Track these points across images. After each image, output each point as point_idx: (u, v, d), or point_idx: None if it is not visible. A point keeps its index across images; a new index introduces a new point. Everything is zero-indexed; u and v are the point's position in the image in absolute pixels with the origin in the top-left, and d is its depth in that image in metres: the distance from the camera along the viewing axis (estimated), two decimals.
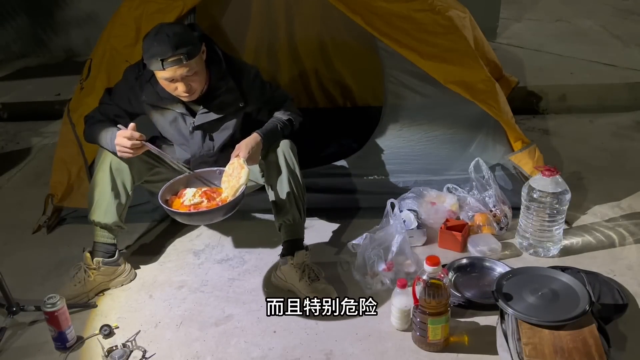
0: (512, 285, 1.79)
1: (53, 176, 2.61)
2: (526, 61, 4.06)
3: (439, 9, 2.37)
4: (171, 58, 1.87)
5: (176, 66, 1.89)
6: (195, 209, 1.94)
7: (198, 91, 2.02)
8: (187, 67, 1.91)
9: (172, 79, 1.94)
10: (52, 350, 1.93)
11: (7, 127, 3.96)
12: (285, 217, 2.12)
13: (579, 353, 1.57)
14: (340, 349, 1.86)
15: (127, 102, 2.13)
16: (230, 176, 1.97)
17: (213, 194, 2.00)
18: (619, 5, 5.49)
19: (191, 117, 2.13)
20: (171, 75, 1.92)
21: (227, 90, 2.09)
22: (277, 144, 2.11)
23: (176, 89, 1.97)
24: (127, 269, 2.25)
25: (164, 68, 1.89)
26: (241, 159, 1.97)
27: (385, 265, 2.13)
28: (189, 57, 1.90)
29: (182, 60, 1.88)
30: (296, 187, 2.10)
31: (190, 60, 1.90)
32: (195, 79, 1.97)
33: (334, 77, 3.43)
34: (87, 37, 4.70)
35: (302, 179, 2.13)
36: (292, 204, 2.10)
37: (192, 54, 1.91)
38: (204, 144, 2.17)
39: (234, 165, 1.97)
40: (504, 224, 2.38)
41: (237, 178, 1.94)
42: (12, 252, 2.49)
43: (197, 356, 1.88)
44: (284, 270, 2.13)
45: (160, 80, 1.97)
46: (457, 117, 2.43)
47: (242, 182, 1.92)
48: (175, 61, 1.88)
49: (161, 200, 1.95)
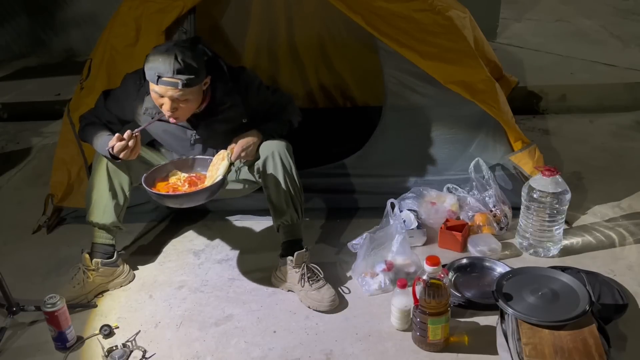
0: (512, 285, 1.79)
1: (53, 176, 2.61)
2: (526, 61, 4.06)
3: (439, 9, 2.37)
4: (168, 79, 1.87)
5: (170, 87, 1.88)
6: (174, 191, 1.99)
7: (182, 118, 2.01)
8: (180, 92, 1.90)
9: (161, 95, 1.93)
10: (52, 350, 1.93)
11: (7, 127, 3.96)
12: (283, 218, 2.12)
13: (579, 353, 1.57)
14: (340, 349, 1.86)
15: (122, 111, 2.13)
16: (214, 166, 2.02)
17: (198, 180, 2.04)
18: (619, 5, 5.49)
19: (192, 130, 2.13)
20: (161, 93, 1.91)
21: (231, 106, 2.09)
22: (273, 144, 2.11)
23: (162, 105, 1.96)
24: (125, 270, 2.24)
25: (157, 83, 1.89)
26: (227, 151, 2.02)
27: (385, 265, 2.13)
28: (187, 86, 1.89)
29: (177, 85, 1.87)
30: (293, 187, 2.10)
31: (186, 89, 1.90)
32: (184, 106, 1.95)
33: (334, 77, 3.43)
34: (87, 37, 4.69)
35: (298, 179, 2.13)
36: (290, 205, 2.10)
37: (191, 84, 1.90)
38: (206, 153, 2.18)
39: (219, 157, 2.03)
40: (504, 224, 2.38)
41: (217, 169, 1.99)
42: (12, 252, 2.50)
43: (197, 356, 1.88)
44: (284, 271, 2.13)
45: (150, 89, 1.96)
46: (457, 117, 2.43)
47: (219, 173, 1.96)
48: (171, 83, 1.87)
49: (147, 180, 1.99)
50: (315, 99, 3.50)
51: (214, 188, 1.95)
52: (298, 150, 2.18)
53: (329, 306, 2.01)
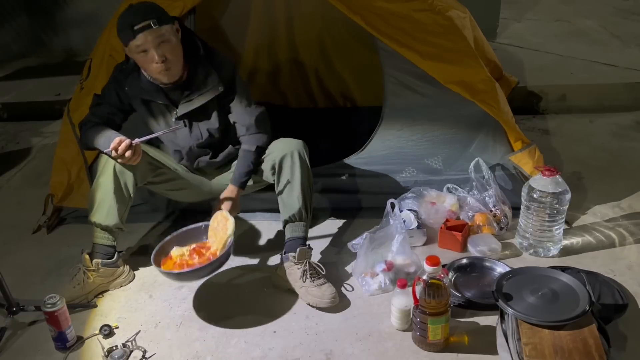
0: (512, 285, 1.79)
1: (53, 176, 2.61)
2: (526, 61, 4.06)
3: (439, 9, 2.37)
4: (141, 24, 1.91)
5: (146, 31, 1.92)
6: (188, 266, 1.96)
7: (175, 68, 2.03)
8: (157, 32, 1.94)
9: (145, 49, 1.95)
10: (52, 350, 1.93)
11: (7, 127, 3.97)
12: (292, 213, 2.12)
13: (579, 353, 1.57)
14: (340, 349, 1.86)
15: (117, 99, 2.16)
16: (216, 229, 2.03)
17: (202, 249, 2.04)
18: (619, 5, 5.49)
19: (174, 108, 2.15)
20: (142, 42, 1.94)
21: (206, 75, 2.11)
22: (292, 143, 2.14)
23: (152, 62, 1.98)
24: (126, 271, 2.24)
25: (134, 36, 1.92)
26: (224, 211, 2.05)
27: (385, 265, 2.13)
28: (159, 22, 1.94)
29: (151, 25, 1.92)
30: (307, 186, 2.13)
31: (160, 26, 1.94)
32: (169, 48, 1.98)
33: (334, 77, 3.43)
34: (87, 37, 4.69)
35: (311, 177, 2.16)
36: (301, 203, 2.12)
37: (162, 20, 1.96)
38: (192, 134, 2.19)
39: (217, 219, 2.04)
40: (504, 224, 2.38)
41: (223, 230, 2.00)
42: (12, 252, 2.50)
43: (197, 356, 1.88)
44: (286, 267, 2.12)
45: (135, 56, 1.99)
46: (457, 117, 2.43)
47: (230, 233, 1.98)
48: (145, 26, 1.91)
49: (154, 264, 1.97)
50: (315, 99, 3.50)
51: (229, 250, 1.97)
52: None
53: (329, 302, 2.01)
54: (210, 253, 2.00)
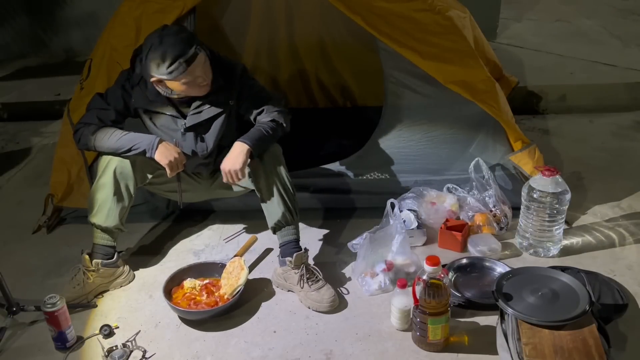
0: (512, 285, 1.79)
1: (53, 176, 2.61)
2: (526, 61, 4.06)
3: (439, 9, 2.36)
4: (189, 55, 1.91)
5: (196, 61, 1.93)
6: (195, 302, 2.02)
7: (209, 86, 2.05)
8: (204, 56, 1.96)
9: (195, 77, 1.96)
10: (52, 350, 1.93)
11: (7, 127, 3.96)
12: (277, 220, 2.12)
13: (579, 353, 1.57)
14: (340, 349, 1.87)
15: (124, 106, 2.13)
16: (231, 274, 2.07)
17: (213, 287, 2.09)
18: (619, 5, 5.49)
19: (182, 119, 2.12)
20: (194, 71, 1.94)
21: (217, 89, 2.09)
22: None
23: (197, 85, 1.99)
24: (125, 271, 2.24)
25: (185, 70, 1.91)
26: (242, 259, 2.09)
27: (385, 265, 2.13)
28: (201, 48, 1.96)
29: (198, 52, 1.94)
30: (284, 189, 2.10)
31: (202, 52, 1.97)
32: (208, 66, 2.01)
33: (334, 77, 3.43)
34: (87, 37, 4.69)
35: (289, 180, 2.12)
36: (282, 206, 2.10)
37: (196, 39, 1.97)
38: (197, 146, 2.17)
39: (234, 264, 2.09)
40: (504, 224, 2.38)
41: (236, 278, 2.05)
42: (12, 252, 2.50)
43: (197, 356, 1.88)
44: (283, 272, 2.13)
45: (174, 84, 1.97)
46: (457, 117, 2.43)
47: (241, 282, 2.03)
48: (193, 55, 1.92)
49: (164, 291, 2.04)
50: (315, 99, 3.50)
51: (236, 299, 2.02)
52: (298, 151, 2.18)
53: (328, 307, 2.01)
54: (218, 295, 2.05)
